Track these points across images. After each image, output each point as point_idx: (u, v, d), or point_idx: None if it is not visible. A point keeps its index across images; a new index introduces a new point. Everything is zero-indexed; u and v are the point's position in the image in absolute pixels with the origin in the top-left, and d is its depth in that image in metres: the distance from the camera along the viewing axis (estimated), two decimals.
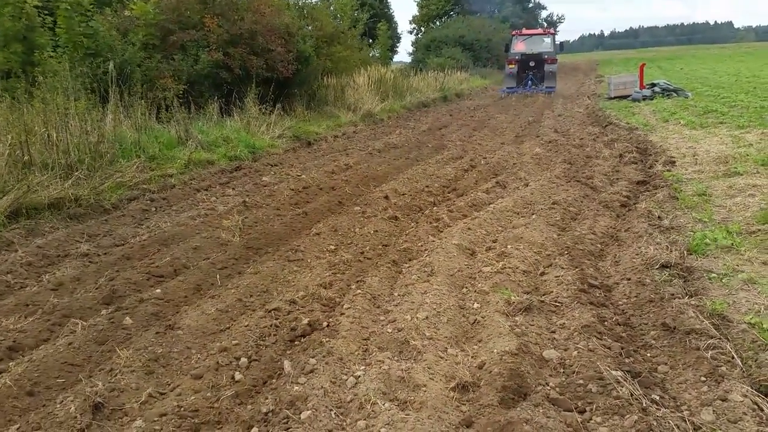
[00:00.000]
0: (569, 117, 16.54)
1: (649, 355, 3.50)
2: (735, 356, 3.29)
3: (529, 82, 25.22)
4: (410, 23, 54.79)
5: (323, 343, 3.59)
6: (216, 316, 4.07)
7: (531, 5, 58.06)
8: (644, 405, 2.89)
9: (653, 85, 19.63)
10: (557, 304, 4.13)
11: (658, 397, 3.00)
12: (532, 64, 25.30)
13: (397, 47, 50.38)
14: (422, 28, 51.07)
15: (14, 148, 7.13)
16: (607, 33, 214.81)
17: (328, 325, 3.92)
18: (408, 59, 46.45)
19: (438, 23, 49.59)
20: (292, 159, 11.11)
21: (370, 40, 37.11)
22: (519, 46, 26.27)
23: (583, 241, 5.48)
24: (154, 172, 8.83)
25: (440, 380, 3.20)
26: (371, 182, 8.59)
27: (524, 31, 29.04)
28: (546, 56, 25.09)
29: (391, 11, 50.08)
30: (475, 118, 17.26)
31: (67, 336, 3.84)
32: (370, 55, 31.44)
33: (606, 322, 3.81)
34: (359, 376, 3.23)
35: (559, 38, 28.66)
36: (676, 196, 6.74)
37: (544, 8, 62.96)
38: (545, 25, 60.48)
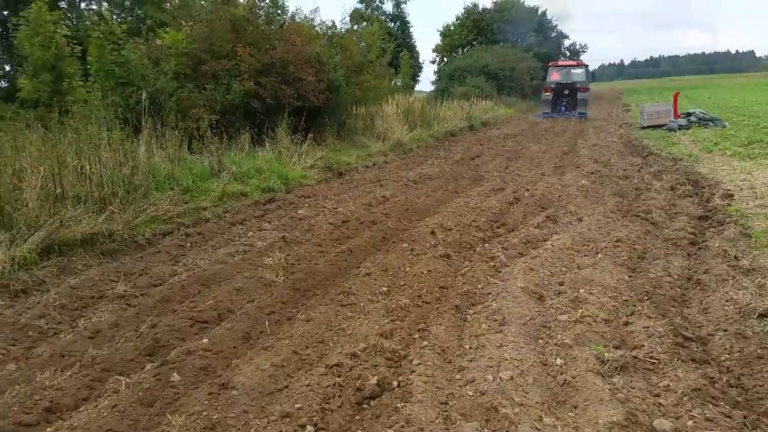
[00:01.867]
0: (605, 147, 16.10)
1: None
2: None
3: (563, 108, 27.85)
4: (433, 52, 54.87)
5: (398, 409, 3.16)
6: (272, 373, 3.66)
7: (554, 35, 57.66)
8: None
9: (689, 114, 19.13)
10: (654, 361, 3.66)
11: None
12: (566, 92, 27.91)
13: (419, 76, 50.45)
14: (445, 58, 51.08)
15: (46, 180, 6.86)
16: (627, 62, 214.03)
17: (398, 385, 3.49)
18: (429, 88, 46.46)
19: (461, 52, 49.56)
20: (325, 190, 10.77)
21: (393, 70, 37.10)
22: (554, 76, 29.03)
23: (661, 285, 5.01)
24: (188, 205, 8.53)
25: None
26: (413, 216, 8.20)
27: (559, 62, 32.98)
28: (579, 85, 27.51)
29: (413, 41, 50.32)
30: (507, 147, 16.86)
31: (110, 396, 3.45)
32: (393, 84, 31.32)
33: (716, 384, 3.34)
34: None
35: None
36: (748, 234, 6.25)
37: (567, 37, 62.42)
38: (567, 54, 60.20)
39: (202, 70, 12.79)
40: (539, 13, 55.40)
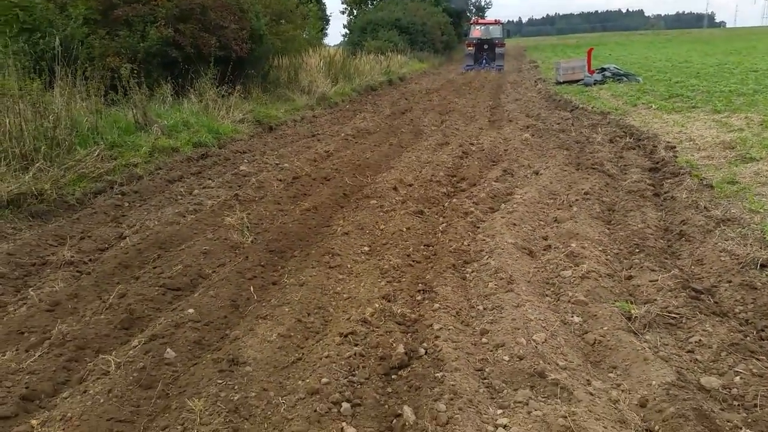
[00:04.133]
0: (528, 101, 16.22)
1: None
2: None
3: (484, 61, 30.83)
4: (342, 4, 53.53)
5: (439, 380, 2.89)
6: (281, 344, 3.28)
7: None
8: None
9: (603, 69, 19.58)
10: (674, 315, 3.57)
11: None
12: (485, 47, 30.93)
13: (327, 29, 49.21)
14: (355, 11, 49.98)
15: None
16: (525, 20, 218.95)
17: (426, 353, 3.21)
18: (337, 41, 45.44)
19: (371, 5, 48.60)
20: (260, 145, 10.19)
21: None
22: (475, 33, 32.31)
23: (646, 237, 4.97)
24: (117, 161, 7.78)
25: (613, 430, 2.57)
26: (366, 171, 7.84)
27: (479, 20, 37.60)
28: (496, 41, 30.63)
29: None
30: (434, 102, 16.65)
31: (99, 378, 2.97)
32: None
33: (748, 337, 3.29)
34: (509, 427, 2.56)
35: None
36: (710, 185, 6.36)
37: None
38: (473, 10, 60.67)
39: (113, 15, 11.62)
40: None
